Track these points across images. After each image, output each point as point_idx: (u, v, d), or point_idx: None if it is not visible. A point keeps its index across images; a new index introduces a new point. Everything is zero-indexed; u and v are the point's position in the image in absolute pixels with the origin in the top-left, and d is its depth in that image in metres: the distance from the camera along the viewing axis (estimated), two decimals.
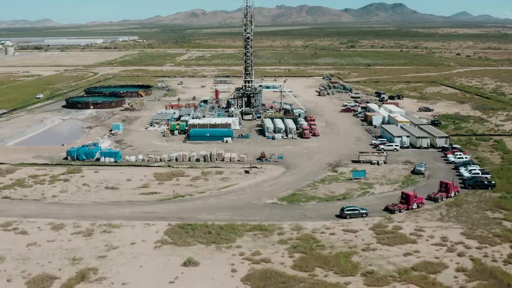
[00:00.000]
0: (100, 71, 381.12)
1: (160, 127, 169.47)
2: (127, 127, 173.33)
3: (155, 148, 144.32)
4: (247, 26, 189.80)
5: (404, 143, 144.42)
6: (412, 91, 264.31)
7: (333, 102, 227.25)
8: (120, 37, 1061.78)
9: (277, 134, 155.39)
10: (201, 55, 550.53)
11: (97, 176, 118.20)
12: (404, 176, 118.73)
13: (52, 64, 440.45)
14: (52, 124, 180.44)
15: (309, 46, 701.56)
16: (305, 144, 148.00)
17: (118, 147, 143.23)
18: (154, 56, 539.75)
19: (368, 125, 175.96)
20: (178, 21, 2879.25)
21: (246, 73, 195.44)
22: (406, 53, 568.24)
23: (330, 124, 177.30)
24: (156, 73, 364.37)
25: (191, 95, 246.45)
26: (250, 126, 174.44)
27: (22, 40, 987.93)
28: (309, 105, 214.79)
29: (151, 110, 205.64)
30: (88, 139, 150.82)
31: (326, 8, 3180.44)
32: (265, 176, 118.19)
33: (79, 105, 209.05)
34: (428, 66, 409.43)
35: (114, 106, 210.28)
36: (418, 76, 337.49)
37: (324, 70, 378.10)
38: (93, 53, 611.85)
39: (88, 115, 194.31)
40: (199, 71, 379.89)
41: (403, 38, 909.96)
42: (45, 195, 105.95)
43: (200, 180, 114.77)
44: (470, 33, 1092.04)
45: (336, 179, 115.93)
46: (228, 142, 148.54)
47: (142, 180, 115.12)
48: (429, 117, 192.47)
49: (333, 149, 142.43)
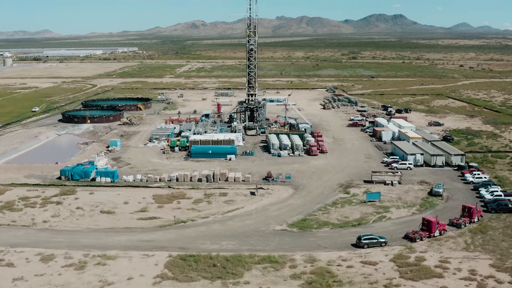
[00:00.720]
0: (98, 83, 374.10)
1: (159, 143, 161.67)
2: (125, 143, 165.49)
3: (155, 166, 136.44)
4: (250, 37, 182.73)
5: (417, 161, 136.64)
6: (419, 104, 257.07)
7: (339, 116, 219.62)
8: (119, 48, 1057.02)
9: (283, 151, 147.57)
10: (202, 66, 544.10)
11: (92, 198, 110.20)
12: (421, 198, 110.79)
13: (50, 76, 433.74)
14: (46, 140, 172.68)
15: (310, 57, 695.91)
16: (313, 162, 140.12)
17: (115, 166, 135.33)
18: (153, 67, 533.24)
19: (377, 141, 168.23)
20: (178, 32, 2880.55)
21: (249, 86, 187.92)
22: (409, 65, 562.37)
23: (338, 140, 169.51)
24: (155, 85, 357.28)
25: (192, 109, 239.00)
26: (254, 142, 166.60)
27: (21, 51, 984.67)
28: (314, 119, 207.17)
29: (151, 124, 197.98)
30: (84, 156, 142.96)
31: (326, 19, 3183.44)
32: (273, 198, 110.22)
33: (75, 119, 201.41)
34: (432, 78, 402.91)
35: (112, 120, 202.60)
36: (423, 88, 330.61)
37: (327, 82, 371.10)
38: (92, 64, 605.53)
39: (85, 130, 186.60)
40: (199, 83, 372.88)
41: (404, 50, 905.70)
42: (36, 220, 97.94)
43: (202, 203, 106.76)
44: (472, 45, 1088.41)
45: (348, 201, 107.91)
46: (231, 160, 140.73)
47: (141, 203, 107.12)
48: (439, 132, 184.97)
49: (343, 168, 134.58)
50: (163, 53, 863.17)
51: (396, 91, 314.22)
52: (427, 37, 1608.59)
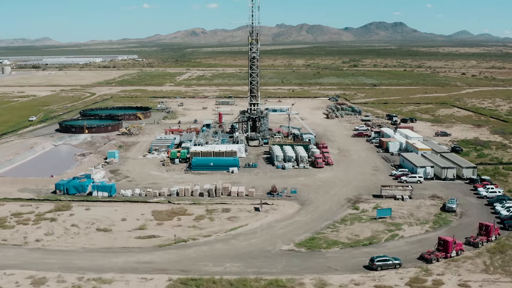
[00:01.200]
0: (97, 91, 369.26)
1: (159, 154, 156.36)
2: (124, 154, 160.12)
3: (154, 179, 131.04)
4: (252, 45, 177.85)
5: (428, 174, 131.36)
6: (424, 113, 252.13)
7: (343, 126, 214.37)
8: (119, 56, 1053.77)
9: (287, 163, 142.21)
10: (202, 74, 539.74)
11: (88, 215, 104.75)
12: (433, 214, 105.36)
13: (48, 84, 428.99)
14: (42, 151, 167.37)
15: (311, 65, 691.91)
16: (319, 175, 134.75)
17: (113, 179, 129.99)
18: (153, 75, 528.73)
19: (384, 152, 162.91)
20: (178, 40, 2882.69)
21: (251, 95, 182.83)
22: (410, 73, 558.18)
23: (343, 151, 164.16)
24: (155, 93, 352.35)
25: (192, 118, 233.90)
26: (257, 153, 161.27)
27: (20, 59, 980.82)
28: (318, 129, 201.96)
29: (150, 134, 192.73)
30: (81, 169, 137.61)
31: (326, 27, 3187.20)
32: (278, 214, 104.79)
33: (73, 129, 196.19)
34: (435, 86, 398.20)
35: (110, 130, 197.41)
36: (427, 97, 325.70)
37: (329, 91, 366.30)
38: (92, 72, 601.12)
39: (82, 141, 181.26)
40: (200, 91, 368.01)
41: (405, 57, 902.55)
42: (28, 238, 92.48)
43: (204, 220, 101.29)
44: (472, 52, 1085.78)
45: (358, 218, 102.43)
46: (234, 173, 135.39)
47: (139, 219, 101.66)
48: (447, 142, 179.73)
49: (350, 181, 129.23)
50: (163, 61, 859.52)
51: (399, 100, 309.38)
52: (427, 45, 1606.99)
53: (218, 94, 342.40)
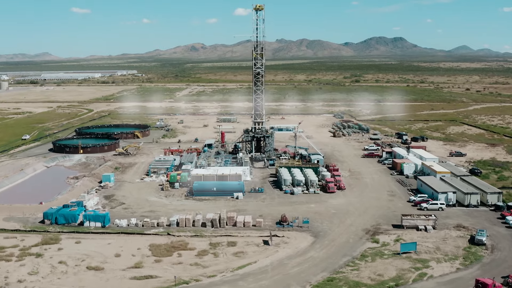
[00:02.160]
0: (95, 107, 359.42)
1: (158, 177, 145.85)
2: (120, 177, 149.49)
3: (152, 206, 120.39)
4: (257, 60, 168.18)
5: (450, 200, 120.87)
6: (434, 131, 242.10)
7: (351, 145, 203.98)
8: (118, 71, 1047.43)
9: (297, 187, 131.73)
10: (202, 90, 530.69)
11: (78, 249, 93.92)
12: (462, 248, 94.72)
13: (45, 100, 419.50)
14: (33, 174, 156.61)
15: (312, 81, 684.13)
16: (331, 201, 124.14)
17: (107, 206, 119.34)
18: (152, 91, 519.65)
19: (398, 175, 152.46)
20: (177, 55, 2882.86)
21: (256, 113, 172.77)
22: (414, 88, 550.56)
23: (355, 173, 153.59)
24: (154, 109, 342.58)
25: (193, 136, 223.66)
26: (263, 176, 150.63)
27: (18, 74, 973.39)
28: (326, 149, 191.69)
29: (148, 154, 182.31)
30: (73, 194, 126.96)
31: (326, 42, 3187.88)
32: (290, 249, 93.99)
33: (67, 148, 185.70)
34: (441, 102, 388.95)
35: (106, 150, 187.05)
36: (434, 113, 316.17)
37: (333, 107, 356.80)
38: (90, 87, 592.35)
39: (77, 162, 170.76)
40: (200, 107, 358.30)
41: (406, 72, 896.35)
42: (9, 279, 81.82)
43: (208, 256, 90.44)
44: (474, 68, 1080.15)
45: (380, 253, 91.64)
46: (239, 199, 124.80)
47: (135, 255, 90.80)
48: (463, 163, 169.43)
49: (366, 208, 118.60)
50: (162, 76, 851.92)
51: (406, 117, 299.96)
52: (428, 60, 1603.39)
53: (219, 111, 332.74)
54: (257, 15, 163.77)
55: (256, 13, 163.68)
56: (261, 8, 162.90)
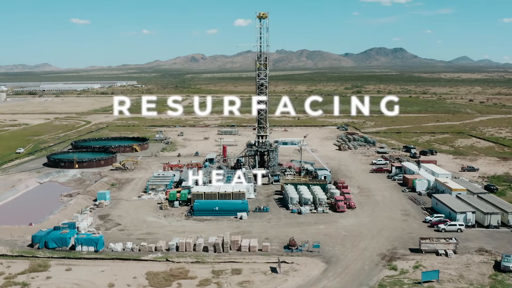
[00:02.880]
0: (93, 119, 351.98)
1: (156, 194, 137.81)
2: (117, 194, 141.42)
3: (150, 227, 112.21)
4: (260, 71, 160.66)
5: (468, 220, 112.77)
6: (442, 144, 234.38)
7: (358, 159, 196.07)
8: (118, 82, 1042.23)
9: (304, 206, 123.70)
10: (202, 101, 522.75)
11: (68, 278, 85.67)
12: (487, 275, 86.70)
13: (43, 112, 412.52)
14: (25, 190, 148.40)
15: (313, 92, 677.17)
16: (342, 222, 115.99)
17: (101, 227, 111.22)
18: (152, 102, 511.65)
19: (410, 191, 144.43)
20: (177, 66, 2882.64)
21: (259, 126, 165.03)
22: (416, 99, 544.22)
23: (364, 190, 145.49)
24: (153, 121, 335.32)
25: (193, 150, 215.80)
26: (267, 193, 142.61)
27: (17, 85, 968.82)
28: (332, 163, 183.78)
29: (147, 169, 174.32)
30: (65, 214, 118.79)
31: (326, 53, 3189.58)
32: (300, 277, 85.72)
33: (62, 163, 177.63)
34: (445, 114, 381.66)
35: (103, 165, 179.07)
36: (440, 125, 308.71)
37: (336, 119, 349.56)
38: (89, 99, 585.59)
39: (71, 177, 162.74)
40: (200, 119, 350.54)
41: (407, 83, 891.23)
42: None
43: (210, 286, 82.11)
44: (475, 78, 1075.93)
45: (399, 283, 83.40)
46: (242, 219, 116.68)
47: (130, 286, 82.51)
48: (476, 178, 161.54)
49: (379, 230, 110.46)
50: (162, 87, 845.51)
51: (412, 129, 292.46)
52: (428, 71, 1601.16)
53: (220, 123, 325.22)
54: (261, 24, 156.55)
55: (260, 21, 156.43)
56: (264, 16, 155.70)
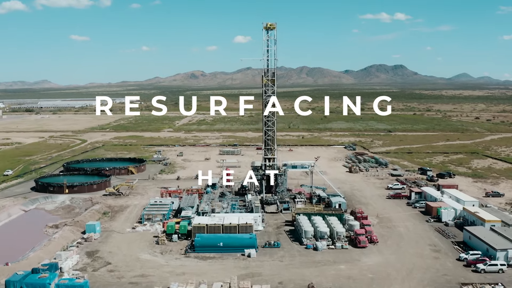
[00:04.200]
0: (89, 137, 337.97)
1: (153, 225, 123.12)
2: (108, 224, 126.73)
3: (144, 267, 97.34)
4: (267, 87, 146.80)
5: (510, 259, 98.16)
6: (458, 166, 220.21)
7: (372, 183, 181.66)
8: (117, 99, 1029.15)
9: (320, 241, 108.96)
10: (202, 118, 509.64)
11: None
12: None
13: (38, 129, 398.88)
14: (7, 220, 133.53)
15: (315, 109, 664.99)
16: (365, 260, 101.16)
17: (89, 267, 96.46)
18: (151, 119, 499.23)
19: (435, 221, 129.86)
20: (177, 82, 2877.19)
21: (266, 147, 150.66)
22: (421, 117, 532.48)
23: (384, 220, 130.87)
24: (152, 140, 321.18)
25: (193, 172, 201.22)
26: (277, 223, 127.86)
27: (15, 101, 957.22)
28: (344, 187, 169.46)
29: (143, 195, 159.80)
30: (48, 251, 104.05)
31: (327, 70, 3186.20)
32: None
33: (51, 187, 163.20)
34: (454, 132, 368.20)
35: (95, 190, 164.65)
36: (451, 144, 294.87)
37: (341, 137, 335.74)
38: (87, 116, 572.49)
39: (60, 204, 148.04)
40: (201, 138, 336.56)
41: (410, 100, 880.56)
42: None
43: None
44: (477, 95, 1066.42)
45: None
46: (251, 256, 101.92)
47: None
48: (504, 205, 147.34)
49: (409, 270, 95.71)
50: None
51: (423, 148, 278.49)
52: (429, 88, 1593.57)
53: (221, 142, 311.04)
54: (268, 35, 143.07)
55: (267, 33, 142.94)
56: (272, 27, 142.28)
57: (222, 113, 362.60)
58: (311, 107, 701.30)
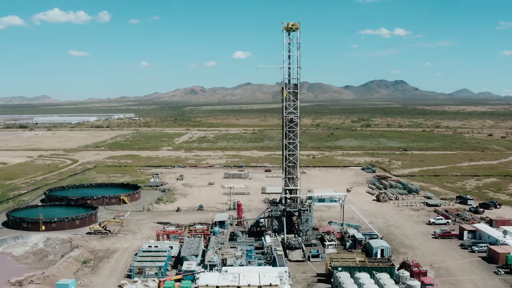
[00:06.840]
0: (81, 157, 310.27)
1: (146, 282, 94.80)
2: (88, 280, 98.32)
3: None
4: (289, 102, 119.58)
5: None
6: (496, 192, 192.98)
7: (407, 215, 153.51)
8: (115, 114, 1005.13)
9: None
10: (203, 135, 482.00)
11: None
12: None
13: (28, 148, 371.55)
14: None
15: (320, 125, 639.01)
16: None
17: None
18: (149, 136, 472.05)
19: (506, 272, 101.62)
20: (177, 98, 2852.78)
21: (287, 176, 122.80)
22: (431, 133, 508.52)
23: (442, 273, 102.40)
24: (149, 160, 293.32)
25: (196, 201, 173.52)
26: (306, 278, 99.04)
27: (11, 117, 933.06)
28: (377, 222, 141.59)
29: (135, 233, 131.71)
30: None
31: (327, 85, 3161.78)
32: None
33: (24, 224, 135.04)
34: (473, 151, 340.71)
35: (78, 226, 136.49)
36: (477, 165, 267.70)
37: (355, 157, 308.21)
38: (82, 133, 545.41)
39: (31, 248, 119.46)
40: (202, 157, 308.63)
41: (414, 116, 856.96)
42: None
43: None
44: (480, 111, 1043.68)
45: None
46: None
47: None
48: None
49: None
50: (161, 120, 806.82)
51: (448, 170, 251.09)
52: (430, 103, 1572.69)
53: (225, 162, 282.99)
54: (290, 38, 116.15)
55: (288, 34, 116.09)
56: (295, 27, 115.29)
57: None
58: (316, 123, 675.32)
